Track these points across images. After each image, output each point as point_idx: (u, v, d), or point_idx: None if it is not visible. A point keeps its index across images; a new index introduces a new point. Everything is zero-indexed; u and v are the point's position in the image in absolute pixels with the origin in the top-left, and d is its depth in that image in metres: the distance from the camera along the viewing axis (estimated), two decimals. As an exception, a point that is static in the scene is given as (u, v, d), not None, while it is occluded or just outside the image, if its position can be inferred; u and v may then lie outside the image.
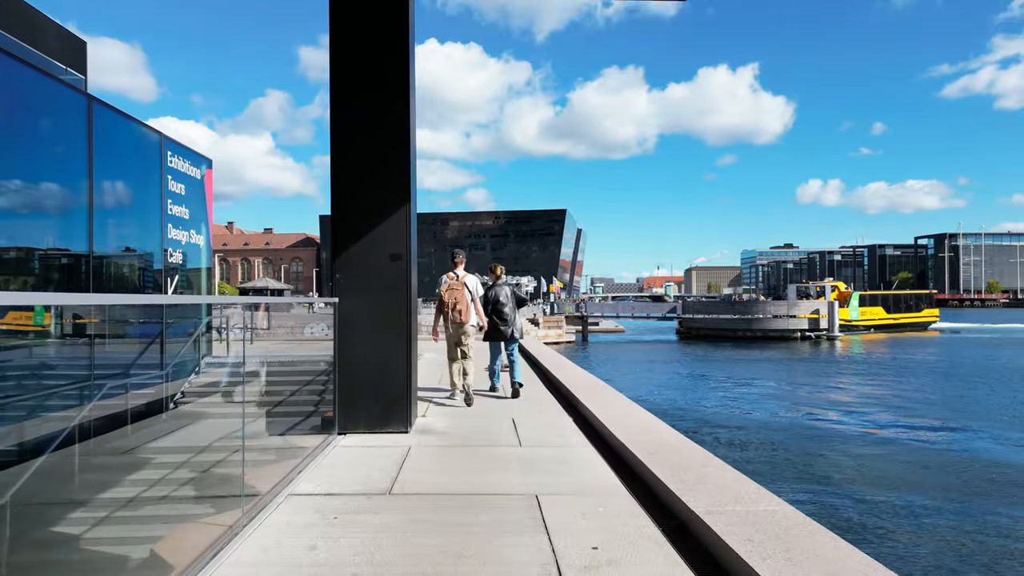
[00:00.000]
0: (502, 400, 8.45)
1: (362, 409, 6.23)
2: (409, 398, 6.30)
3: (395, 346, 6.27)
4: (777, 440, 17.05)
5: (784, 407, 22.47)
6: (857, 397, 24.98)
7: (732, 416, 20.91)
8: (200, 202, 12.34)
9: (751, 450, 15.97)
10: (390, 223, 6.30)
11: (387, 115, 6.35)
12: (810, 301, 55.93)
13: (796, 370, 35.08)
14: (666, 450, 5.17)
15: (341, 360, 6.20)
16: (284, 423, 7.77)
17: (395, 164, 6.32)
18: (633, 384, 28.46)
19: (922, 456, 15.66)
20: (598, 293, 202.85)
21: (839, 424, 19.41)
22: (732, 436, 17.67)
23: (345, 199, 6.33)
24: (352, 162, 6.34)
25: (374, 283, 6.28)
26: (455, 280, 8.30)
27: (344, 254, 6.30)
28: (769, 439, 17.30)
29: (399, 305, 6.29)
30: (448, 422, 6.84)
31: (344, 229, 6.32)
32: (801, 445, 16.53)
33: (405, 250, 6.31)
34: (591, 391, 8.27)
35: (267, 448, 5.95)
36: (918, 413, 21.35)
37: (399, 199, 6.31)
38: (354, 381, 6.22)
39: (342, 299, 6.24)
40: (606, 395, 8.07)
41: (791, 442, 16.77)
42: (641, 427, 6.10)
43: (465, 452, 5.54)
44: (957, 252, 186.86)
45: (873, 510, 11.62)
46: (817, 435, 17.92)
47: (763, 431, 18.44)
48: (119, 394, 9.72)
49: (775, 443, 16.74)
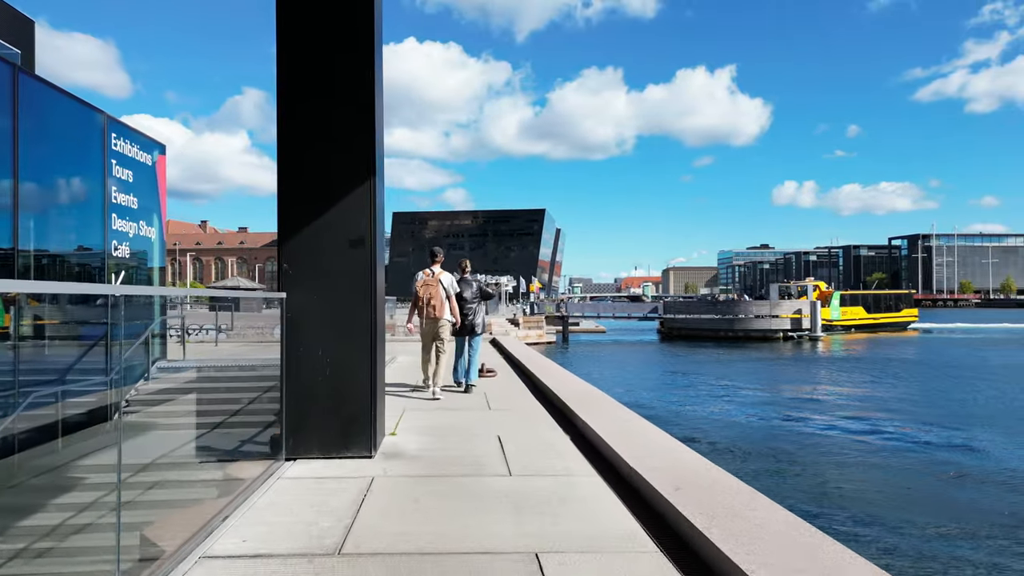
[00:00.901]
0: (486, 412, 7.35)
1: (315, 430, 5.09)
2: (374, 415, 5.17)
3: (356, 351, 5.14)
4: (779, 449, 16.05)
5: (777, 411, 21.55)
6: (853, 400, 24.16)
7: (726, 421, 19.92)
8: (152, 191, 11.14)
9: (753, 460, 14.98)
10: (350, 201, 5.16)
11: (348, 64, 5.20)
12: (791, 301, 55.46)
13: (783, 372, 34.35)
14: (693, 482, 4.11)
15: (289, 369, 5.05)
16: (227, 442, 6.60)
17: (356, 126, 5.19)
18: (618, 386, 27.49)
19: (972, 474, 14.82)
20: (576, 293, 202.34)
21: (838, 431, 18.51)
22: (730, 443, 16.67)
23: (293, 167, 5.18)
24: (303, 123, 5.20)
25: (330, 275, 5.14)
26: (430, 276, 8.57)
27: (293, 239, 5.15)
28: (769, 447, 16.31)
29: (361, 301, 5.16)
30: (422, 442, 5.71)
31: (292, 206, 5.17)
32: (803, 455, 15.58)
33: (368, 235, 5.18)
34: (587, 401, 7.19)
35: (192, 482, 4.80)
36: (928, 418, 20.58)
37: (361, 170, 5.18)
38: (305, 395, 5.08)
39: (291, 294, 5.09)
40: (604, 406, 7.00)
41: (793, 452, 15.79)
42: (653, 448, 5.03)
43: (442, 485, 4.43)
44: (930, 253, 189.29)
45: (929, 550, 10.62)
46: (817, 443, 17.00)
47: (760, 438, 17.46)
48: (49, 403, 8.54)
49: (776, 452, 15.74)
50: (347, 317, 5.14)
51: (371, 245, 5.19)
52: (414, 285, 8.67)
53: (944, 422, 19.97)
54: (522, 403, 8.00)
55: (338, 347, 5.11)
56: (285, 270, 5.13)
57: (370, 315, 5.17)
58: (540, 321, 50.73)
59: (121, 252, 10.18)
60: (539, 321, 50.58)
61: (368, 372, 5.15)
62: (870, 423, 19.67)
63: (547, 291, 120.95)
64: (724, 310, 55.59)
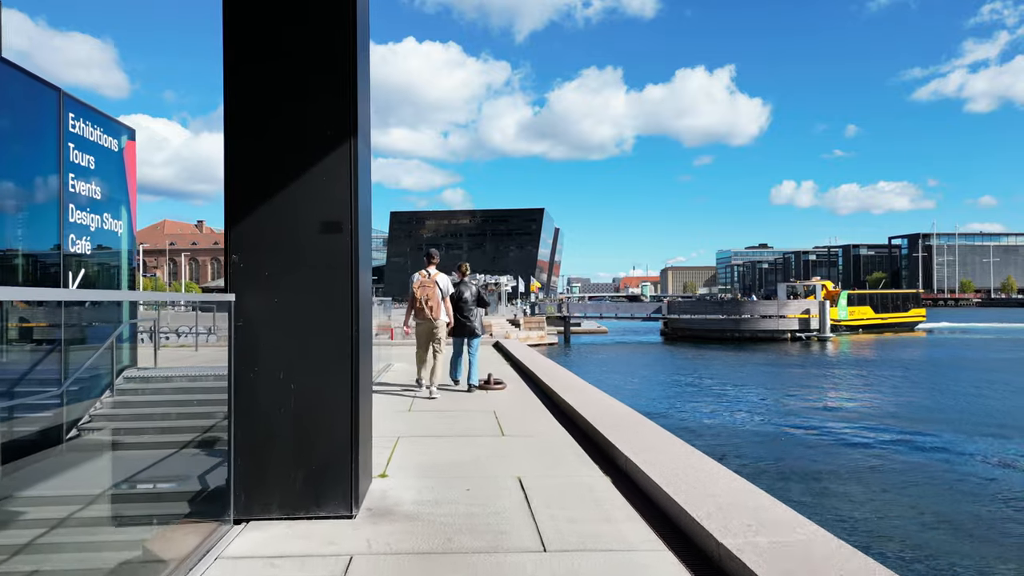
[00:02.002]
0: (499, 440, 5.99)
1: (275, 481, 3.74)
2: (356, 459, 3.83)
3: (332, 374, 3.80)
4: (819, 470, 14.42)
5: (804, 422, 20.01)
6: (886, 409, 22.69)
7: (752, 434, 18.37)
8: (119, 180, 9.82)
9: (795, 482, 13.49)
10: (322, 169, 3.82)
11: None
12: (799, 301, 54.10)
13: (799, 376, 32.86)
14: (815, 568, 2.77)
15: (239, 398, 3.71)
16: (169, 488, 5.29)
17: (330, 71, 3.84)
18: (627, 392, 26.16)
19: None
20: (575, 293, 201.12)
21: (877, 444, 17.13)
22: (762, 459, 15.24)
23: (249, 122, 3.85)
24: (262, 54, 3.85)
25: (296, 269, 3.80)
26: (427, 278, 8.58)
27: (246, 220, 3.80)
28: (808, 467, 14.75)
29: (338, 305, 3.82)
30: (421, 489, 4.36)
31: (246, 175, 3.83)
32: (842, 471, 14.16)
33: (349, 217, 3.84)
34: (621, 426, 5.85)
35: (93, 564, 3.46)
36: (968, 428, 19.26)
37: (338, 130, 3.84)
38: (261, 433, 3.74)
39: (242, 295, 3.74)
40: (644, 432, 5.65)
41: (833, 470, 14.25)
42: (738, 504, 3.68)
43: (451, 571, 3.08)
44: (931, 252, 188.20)
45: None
46: (852, 457, 15.60)
47: (794, 455, 15.89)
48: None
49: (818, 473, 14.12)
50: (319, 327, 3.80)
51: (352, 231, 3.84)
52: (411, 286, 8.66)
53: (984, 431, 18.66)
54: (540, 425, 6.65)
55: (306, 368, 3.77)
56: (235, 263, 3.78)
57: (351, 323, 3.82)
58: (541, 322, 49.39)
59: (80, 248, 8.88)
60: (540, 322, 49.24)
61: (348, 401, 3.81)
62: (910, 434, 18.28)
63: (546, 291, 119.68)
64: (730, 310, 54.21)
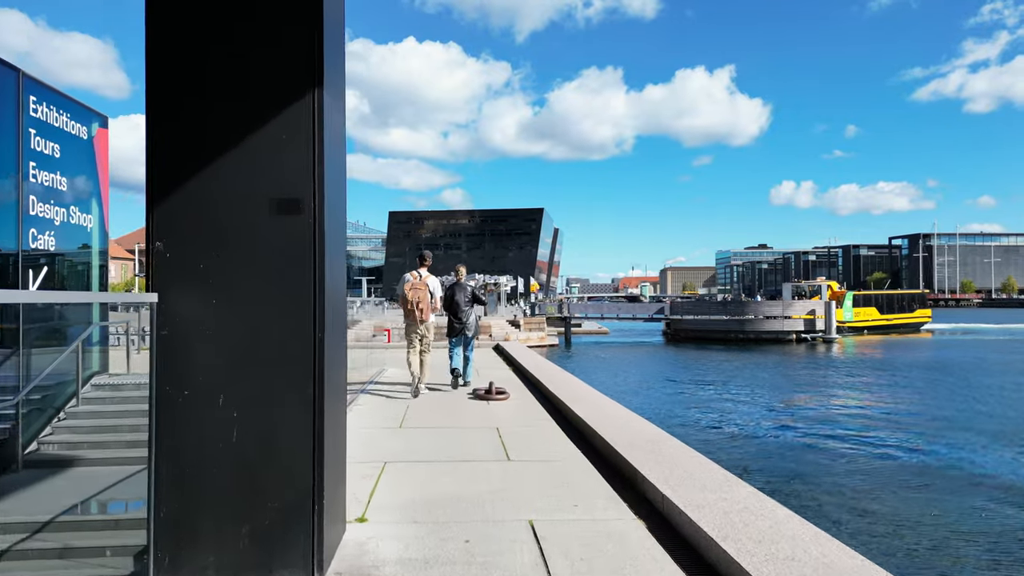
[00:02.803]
0: (504, 466, 5.07)
1: (212, 537, 2.83)
2: (320, 507, 2.91)
3: (290, 398, 2.89)
4: (853, 488, 13.50)
5: (826, 431, 18.90)
6: (911, 418, 21.76)
7: (773, 446, 17.33)
8: (90, 171, 8.98)
9: (830, 501, 12.63)
10: (273, 129, 2.91)
11: None
12: (804, 301, 53.18)
13: (812, 379, 31.90)
14: None
15: (164, 428, 2.80)
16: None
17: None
18: (635, 397, 25.28)
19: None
20: (574, 293, 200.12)
21: (909, 457, 16.17)
22: (791, 478, 14.26)
23: (179, 65, 2.93)
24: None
25: (240, 262, 2.89)
26: (418, 280, 8.65)
27: (173, 199, 2.89)
28: (839, 483, 13.82)
29: (297, 308, 2.91)
30: (408, 539, 3.44)
31: (173, 139, 2.92)
32: (879, 492, 13.24)
33: (311, 194, 2.93)
34: (655, 452, 4.93)
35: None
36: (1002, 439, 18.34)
37: (294, 72, 2.93)
38: (194, 476, 2.83)
39: (167, 294, 2.83)
40: (683, 460, 4.73)
41: (868, 490, 13.34)
42: (827, 568, 2.77)
43: None
44: (931, 252, 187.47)
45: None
46: (887, 476, 14.60)
47: (818, 469, 14.87)
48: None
49: (856, 494, 13.19)
50: (271, 337, 2.89)
51: (315, 211, 2.93)
52: (401, 287, 8.73)
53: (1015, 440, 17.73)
54: (552, 447, 5.73)
55: (254, 391, 2.86)
56: (159, 252, 2.87)
57: (313, 332, 2.91)
58: (542, 322, 48.45)
59: (43, 244, 8.03)
60: (540, 322, 48.30)
61: (309, 434, 2.90)
62: (955, 447, 17.32)
63: (545, 291, 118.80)
64: (734, 311, 53.27)
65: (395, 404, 7.97)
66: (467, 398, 8.60)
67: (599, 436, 5.54)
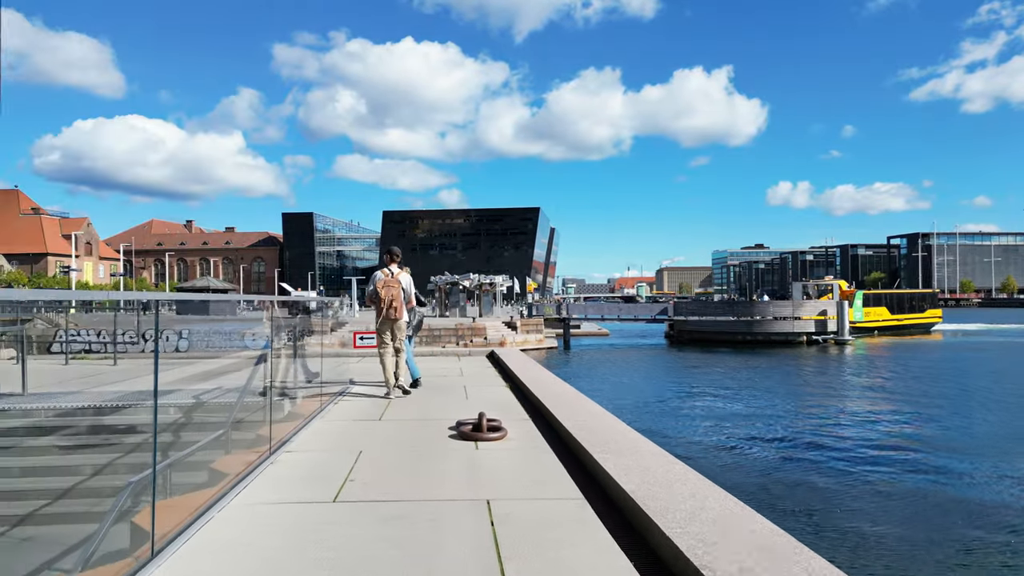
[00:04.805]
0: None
1: None
2: None
3: None
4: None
5: (871, 453, 16.69)
6: (945, 434, 19.51)
7: (811, 469, 15.17)
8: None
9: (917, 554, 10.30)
10: None
11: None
12: (814, 302, 50.90)
13: (834, 385, 29.63)
14: None
15: None
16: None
17: None
18: (647, 413, 22.92)
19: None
20: (570, 294, 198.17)
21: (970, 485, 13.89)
22: (844, 523, 11.99)
23: None
24: None
25: None
26: (390, 277, 8.48)
27: None
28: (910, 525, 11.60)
29: None
30: None
31: None
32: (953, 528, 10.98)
33: None
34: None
35: None
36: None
37: None
38: None
39: None
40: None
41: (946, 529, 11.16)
42: None
43: None
44: (930, 252, 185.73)
45: None
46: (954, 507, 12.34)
47: (875, 506, 12.71)
48: None
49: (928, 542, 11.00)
50: None
51: None
52: (372, 284, 8.51)
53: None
54: (580, 548, 3.35)
55: None
56: None
57: None
58: (539, 324, 46.04)
59: None
60: (538, 324, 45.90)
61: None
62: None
63: (541, 291, 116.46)
64: (741, 311, 50.93)
65: (340, 456, 5.57)
66: (448, 435, 6.23)
67: (668, 542, 3.16)
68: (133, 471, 4.28)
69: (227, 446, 5.43)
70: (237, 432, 5.87)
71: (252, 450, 5.38)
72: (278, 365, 7.35)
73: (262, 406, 6.29)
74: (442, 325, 38.54)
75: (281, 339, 8.25)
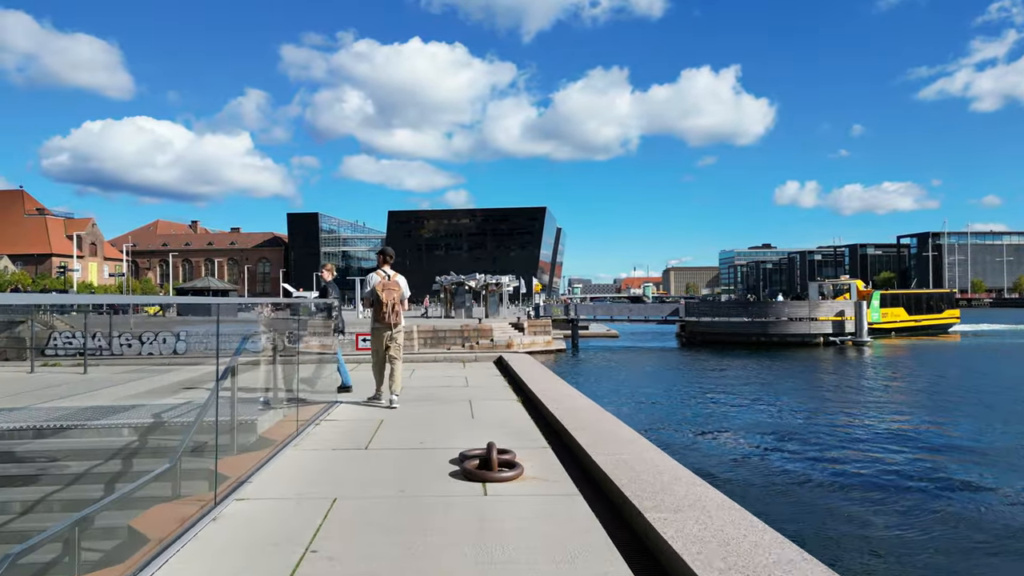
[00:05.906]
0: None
1: None
2: None
3: None
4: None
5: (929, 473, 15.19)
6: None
7: (851, 488, 13.71)
8: None
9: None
10: None
11: None
12: (831, 301, 49.39)
13: (866, 390, 28.16)
14: None
15: None
16: None
17: None
18: (667, 424, 21.54)
19: None
20: (576, 294, 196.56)
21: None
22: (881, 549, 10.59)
23: None
24: None
25: None
26: (388, 280, 8.07)
27: None
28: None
29: None
30: None
31: None
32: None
33: None
34: None
35: None
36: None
37: None
38: None
39: None
40: None
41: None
42: None
43: None
44: (941, 251, 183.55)
45: None
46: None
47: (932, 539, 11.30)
48: None
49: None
50: None
51: None
52: (368, 287, 8.11)
53: None
54: None
55: None
56: None
57: None
58: (547, 325, 44.67)
59: None
60: (546, 325, 44.53)
61: None
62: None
63: (547, 292, 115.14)
64: (756, 312, 49.45)
65: (306, 508, 4.27)
66: (448, 471, 4.95)
67: None
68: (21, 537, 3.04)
69: (161, 492, 4.15)
70: (188, 462, 4.60)
71: (192, 499, 4.10)
72: (247, 377, 6.08)
73: (229, 428, 5.04)
74: (447, 326, 37.26)
75: (260, 344, 7.00)
